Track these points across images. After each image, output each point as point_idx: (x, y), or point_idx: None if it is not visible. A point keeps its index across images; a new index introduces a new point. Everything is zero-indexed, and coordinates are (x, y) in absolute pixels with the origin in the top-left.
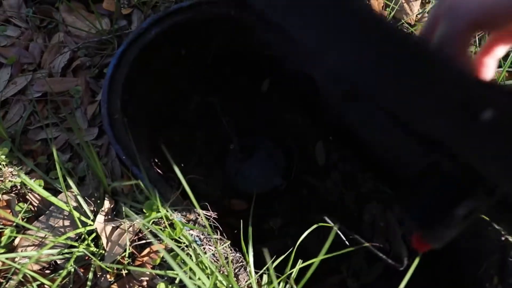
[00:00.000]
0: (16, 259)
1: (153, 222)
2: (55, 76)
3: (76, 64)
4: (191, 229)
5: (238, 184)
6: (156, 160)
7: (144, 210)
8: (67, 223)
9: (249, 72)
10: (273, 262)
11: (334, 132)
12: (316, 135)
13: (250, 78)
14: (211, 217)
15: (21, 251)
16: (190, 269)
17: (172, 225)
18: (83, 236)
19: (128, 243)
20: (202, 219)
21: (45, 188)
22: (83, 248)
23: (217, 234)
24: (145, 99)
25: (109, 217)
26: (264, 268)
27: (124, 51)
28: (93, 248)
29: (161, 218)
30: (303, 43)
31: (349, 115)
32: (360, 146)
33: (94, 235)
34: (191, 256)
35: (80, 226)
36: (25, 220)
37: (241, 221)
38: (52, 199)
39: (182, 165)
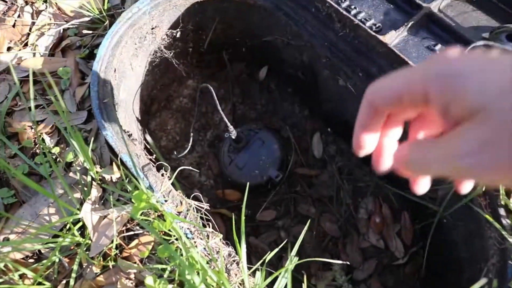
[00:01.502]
0: None
1: (142, 213)
2: (43, 56)
3: (66, 44)
4: (182, 221)
5: (232, 175)
6: (148, 146)
7: (132, 200)
8: (52, 210)
9: (247, 58)
10: (266, 256)
11: (332, 124)
12: (313, 126)
13: (248, 65)
14: (203, 208)
15: (3, 239)
16: (180, 264)
17: (162, 216)
18: (68, 225)
19: (115, 234)
20: (193, 211)
21: (30, 173)
22: (69, 238)
23: (209, 227)
24: (138, 82)
25: (97, 206)
26: (258, 264)
27: (116, 31)
28: (78, 238)
29: (151, 209)
30: None
31: (348, 107)
32: None
33: (80, 224)
34: (181, 250)
35: (65, 215)
36: (8, 206)
37: (234, 213)
38: (36, 186)
39: (175, 152)
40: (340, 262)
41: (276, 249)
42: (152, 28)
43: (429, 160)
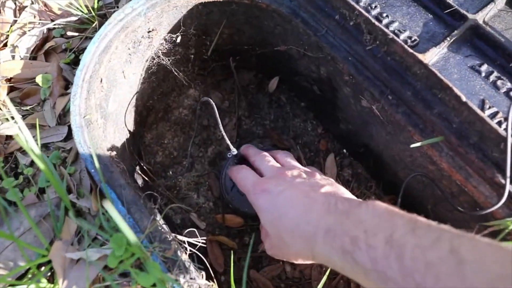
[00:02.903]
0: None
1: (121, 261)
2: (23, 59)
3: (50, 46)
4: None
5: (234, 201)
6: (141, 164)
7: (110, 244)
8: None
9: (255, 67)
10: None
11: (350, 146)
12: (327, 147)
13: (256, 74)
14: (199, 243)
15: None
16: None
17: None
18: (32, 271)
19: (88, 285)
20: (185, 253)
21: None
22: (33, 286)
23: (205, 264)
24: (132, 91)
25: (71, 245)
26: None
27: (105, 34)
28: (46, 286)
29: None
30: None
31: (370, 130)
32: (379, 167)
33: (50, 266)
34: None
35: (27, 259)
36: None
37: (235, 242)
38: None
39: (171, 171)
40: None
41: None
42: (149, 32)
43: None
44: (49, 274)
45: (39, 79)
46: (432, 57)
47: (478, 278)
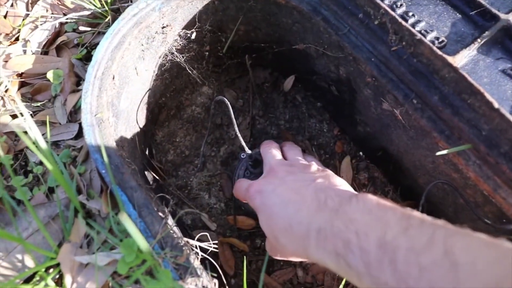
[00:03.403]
0: None
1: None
2: (35, 53)
3: (61, 41)
4: None
5: (246, 204)
6: (153, 162)
7: (120, 250)
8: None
9: (271, 65)
10: None
11: (367, 149)
12: (343, 149)
13: (272, 73)
14: (211, 247)
15: None
16: None
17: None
18: (40, 274)
19: None
20: (197, 259)
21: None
22: None
23: (216, 269)
24: (144, 88)
25: (80, 248)
26: None
27: (118, 30)
28: None
29: (143, 262)
30: None
31: (390, 133)
32: (398, 172)
33: (58, 269)
34: None
35: (35, 263)
36: None
37: (246, 244)
38: None
39: (182, 170)
40: None
41: None
42: (163, 27)
43: None
44: (57, 277)
45: (50, 75)
46: (461, 59)
47: (472, 282)
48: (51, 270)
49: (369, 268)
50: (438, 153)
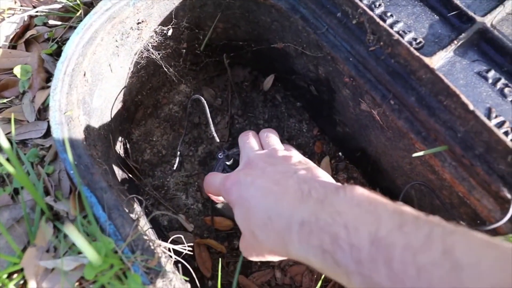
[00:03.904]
0: None
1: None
2: (2, 47)
3: (31, 35)
4: None
5: (223, 208)
6: (128, 162)
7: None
8: None
9: (250, 64)
10: None
11: (346, 149)
12: (322, 149)
13: (251, 71)
14: (185, 249)
15: None
16: None
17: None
18: (2, 280)
19: None
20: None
21: None
22: None
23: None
24: (119, 85)
25: (46, 252)
26: None
27: (90, 24)
28: None
29: (112, 267)
30: None
31: (368, 134)
32: (376, 173)
33: (21, 275)
34: None
35: None
36: None
37: (224, 246)
38: None
39: (159, 169)
40: None
41: None
42: (138, 23)
43: None
44: (21, 283)
45: (17, 70)
46: (438, 61)
47: (476, 284)
48: (14, 275)
49: (361, 267)
50: (415, 155)
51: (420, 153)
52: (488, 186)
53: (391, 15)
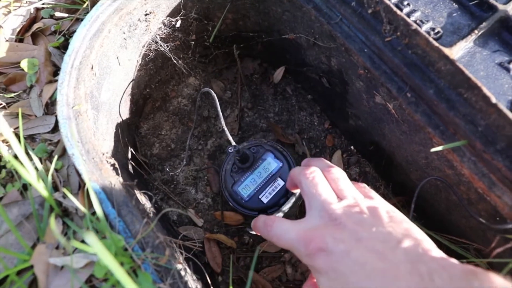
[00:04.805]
0: None
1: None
2: (8, 40)
3: (37, 27)
4: None
5: (234, 198)
6: (137, 156)
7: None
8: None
9: (261, 56)
10: None
11: (358, 143)
12: (334, 143)
13: (261, 63)
14: (196, 246)
15: None
16: None
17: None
18: (12, 278)
19: None
20: (182, 260)
21: None
22: None
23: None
24: (127, 78)
25: (55, 249)
26: None
27: (97, 16)
28: None
29: (122, 264)
30: None
31: (382, 128)
32: (389, 167)
33: (31, 272)
34: None
35: (4, 266)
36: None
37: (234, 241)
38: None
39: (168, 164)
40: None
41: None
42: (146, 15)
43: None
44: (30, 280)
45: (24, 64)
46: (457, 52)
47: None
48: (23, 273)
49: None
50: (433, 149)
51: (439, 148)
52: (509, 182)
53: (408, 4)
